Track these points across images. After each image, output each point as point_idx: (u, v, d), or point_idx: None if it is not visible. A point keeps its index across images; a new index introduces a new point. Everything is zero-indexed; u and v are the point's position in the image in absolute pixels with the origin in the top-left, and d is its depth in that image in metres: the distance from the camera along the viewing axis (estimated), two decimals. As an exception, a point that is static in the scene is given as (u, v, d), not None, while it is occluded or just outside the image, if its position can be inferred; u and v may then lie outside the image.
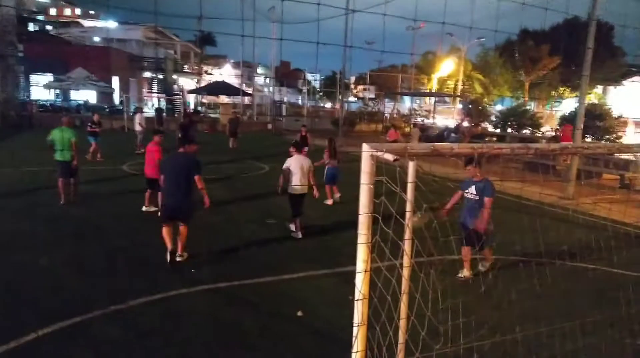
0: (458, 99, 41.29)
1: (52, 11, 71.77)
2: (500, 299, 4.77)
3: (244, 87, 42.91)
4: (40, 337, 4.32)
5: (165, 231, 6.37)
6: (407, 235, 2.57)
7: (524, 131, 25.99)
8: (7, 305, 4.97)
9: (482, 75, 44.74)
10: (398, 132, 21.29)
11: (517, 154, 3.18)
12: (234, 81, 46.14)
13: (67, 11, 73.41)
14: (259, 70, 58.76)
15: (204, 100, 44.72)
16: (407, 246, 2.59)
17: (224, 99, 45.17)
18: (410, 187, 2.48)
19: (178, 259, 6.38)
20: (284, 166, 7.79)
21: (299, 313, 5.03)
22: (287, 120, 36.29)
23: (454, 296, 3.69)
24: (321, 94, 77.55)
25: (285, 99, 53.93)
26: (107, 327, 4.61)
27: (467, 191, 6.19)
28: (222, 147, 20.06)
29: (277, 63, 47.03)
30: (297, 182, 7.70)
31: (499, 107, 37.82)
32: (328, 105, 65.14)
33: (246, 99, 41.73)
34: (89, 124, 15.66)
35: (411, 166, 2.48)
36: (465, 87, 44.42)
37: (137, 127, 18.15)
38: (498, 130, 27.59)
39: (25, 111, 27.35)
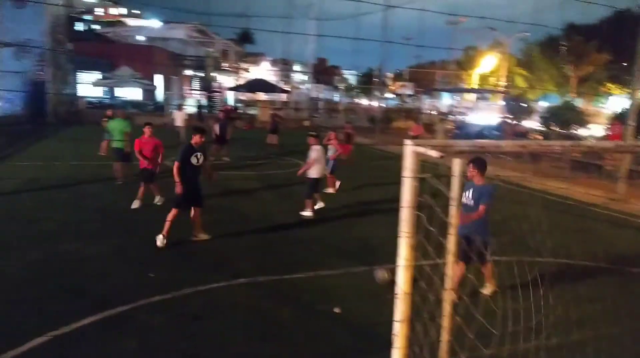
0: (500, 95, 40.10)
1: (99, 11, 74.63)
2: (547, 303, 4.61)
3: (282, 85, 43.27)
4: (88, 324, 4.51)
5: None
6: (451, 230, 2.52)
7: (571, 130, 24.96)
8: (57, 293, 5.21)
9: (526, 70, 43.25)
10: (421, 127, 21.09)
11: (567, 152, 3.05)
12: (272, 78, 46.62)
13: (113, 11, 76.13)
14: (296, 67, 59.09)
15: (242, 97, 45.42)
16: (450, 244, 2.54)
17: (261, 96, 45.74)
18: (455, 185, 2.42)
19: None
20: (315, 156, 8.89)
21: (337, 310, 5.03)
22: (324, 117, 36.37)
23: (500, 299, 3.59)
24: (357, 90, 77.18)
25: (322, 96, 54.01)
26: (151, 316, 4.76)
27: (464, 194, 5.39)
28: (259, 143, 20.32)
29: (314, 60, 47.17)
30: (320, 169, 8.98)
31: (543, 103, 36.50)
32: (364, 102, 64.79)
33: (283, 96, 42.06)
34: (103, 119, 15.05)
35: (456, 163, 2.43)
36: (508, 83, 43.05)
37: (178, 123, 18.71)
38: (542, 127, 26.62)
39: (74, 107, 28.61)
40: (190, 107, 33.61)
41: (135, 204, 8.83)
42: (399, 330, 2.73)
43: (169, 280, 5.59)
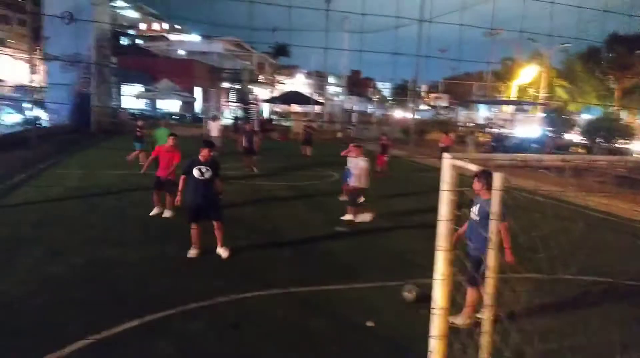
0: (540, 107, 39.03)
1: (142, 26, 77.67)
2: (587, 322, 4.42)
3: (316, 97, 43.67)
4: (128, 329, 4.64)
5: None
6: (491, 245, 2.47)
7: (615, 144, 23.99)
8: (99, 297, 5.40)
9: (567, 82, 42.00)
10: (451, 138, 20.82)
11: (611, 167, 2.95)
12: (306, 90, 47.11)
13: (156, 26, 79.07)
14: (330, 79, 59.56)
15: (277, 109, 46.12)
16: (490, 260, 2.49)
17: (296, 108, 46.29)
18: (496, 199, 2.38)
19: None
20: (365, 165, 9.49)
21: (370, 324, 4.99)
22: (357, 129, 36.40)
23: (539, 316, 3.48)
24: (391, 102, 76.90)
25: (356, 107, 54.12)
26: (187, 323, 4.86)
27: (471, 209, 5.02)
28: (293, 154, 20.52)
29: (348, 72, 47.40)
30: (366, 179, 9.55)
31: (585, 116, 35.29)
32: (398, 113, 64.46)
33: (317, 108, 42.43)
34: (137, 129, 15.36)
35: (497, 177, 2.39)
36: (548, 95, 41.88)
37: (214, 134, 19.31)
38: (585, 141, 25.71)
39: (117, 118, 29.79)
40: (226, 118, 34.40)
41: (154, 212, 9.04)
42: (436, 347, 2.69)
43: (205, 288, 5.70)
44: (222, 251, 6.87)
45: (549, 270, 5.73)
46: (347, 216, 9.49)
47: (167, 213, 9.01)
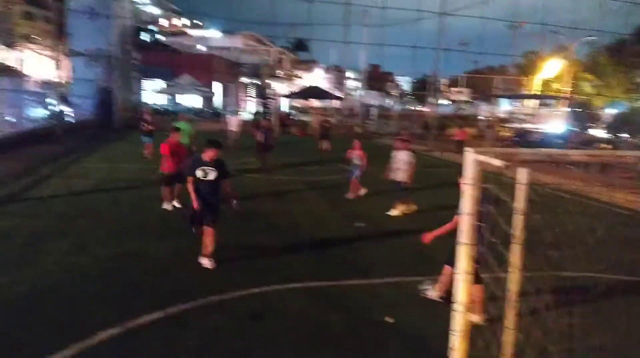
0: (564, 102, 38.18)
1: (164, 22, 78.56)
2: (614, 322, 4.33)
3: (334, 91, 43.56)
4: (151, 320, 4.73)
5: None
6: (516, 240, 2.44)
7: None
8: (123, 289, 5.51)
9: (593, 76, 40.93)
10: (466, 132, 21.07)
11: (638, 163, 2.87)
12: (325, 85, 47.01)
13: (176, 22, 79.86)
14: (349, 74, 59.31)
15: (296, 104, 46.15)
16: (514, 257, 2.46)
17: (314, 103, 46.25)
18: (521, 196, 2.34)
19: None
20: (411, 160, 9.74)
21: (389, 320, 4.97)
22: (376, 123, 36.21)
23: (565, 315, 3.41)
24: (411, 97, 76.16)
25: (375, 102, 53.80)
26: (209, 315, 4.93)
27: None
28: (311, 149, 20.52)
29: (367, 67, 47.10)
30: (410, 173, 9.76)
31: (610, 110, 34.36)
32: (418, 108, 63.79)
33: (336, 103, 42.32)
34: (142, 123, 15.56)
35: (523, 173, 2.35)
36: (573, 89, 40.90)
37: (233, 128, 19.67)
38: (610, 136, 25.06)
39: (138, 113, 30.22)
40: (246, 113, 34.60)
41: (168, 207, 9.16)
42: (457, 344, 2.66)
43: (224, 282, 5.76)
44: (205, 262, 6.21)
45: (574, 267, 5.62)
46: (394, 212, 9.55)
47: (166, 206, 9.16)
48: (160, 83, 36.36)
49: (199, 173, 6.13)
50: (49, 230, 7.58)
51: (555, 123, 32.17)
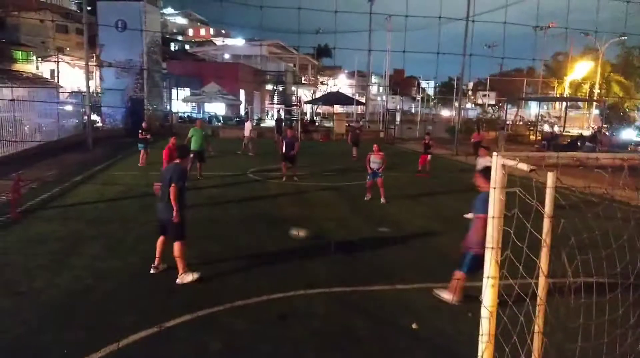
0: (594, 104, 37.11)
1: (190, 32, 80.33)
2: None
3: (358, 97, 43.55)
4: (178, 323, 4.82)
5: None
6: (544, 252, 2.39)
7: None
8: (151, 293, 5.63)
9: (624, 77, 39.69)
10: (481, 134, 21.14)
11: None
12: (348, 91, 47.05)
13: (203, 31, 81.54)
14: (373, 79, 59.29)
15: (319, 110, 46.33)
16: (543, 263, 2.41)
17: (337, 108, 46.34)
18: (549, 199, 2.30)
19: (178, 282, 5.84)
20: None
21: (415, 326, 4.92)
22: (400, 128, 35.97)
23: (591, 318, 3.32)
24: (436, 101, 75.43)
25: (399, 106, 53.50)
26: (234, 319, 4.98)
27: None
28: (335, 155, 20.50)
29: (391, 71, 46.96)
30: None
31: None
32: (443, 112, 63.10)
33: (359, 108, 42.30)
34: (140, 131, 15.64)
35: (550, 177, 2.31)
36: (603, 91, 39.74)
37: (247, 133, 20.50)
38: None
39: (167, 121, 30.95)
40: (269, 119, 34.91)
41: None
42: (484, 352, 2.63)
43: (250, 286, 5.82)
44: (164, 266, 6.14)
45: (602, 272, 5.44)
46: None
47: None
48: (187, 92, 37.14)
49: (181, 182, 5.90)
50: (81, 235, 7.81)
51: (585, 126, 31.31)
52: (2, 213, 8.91)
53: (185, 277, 5.86)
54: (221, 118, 35.76)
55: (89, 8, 23.72)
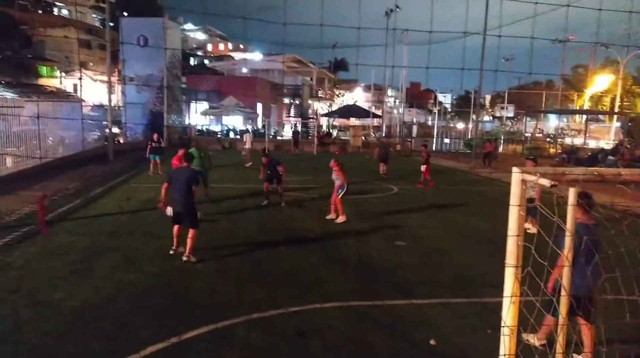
0: (615, 117, 36.46)
1: (209, 47, 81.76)
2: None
3: (374, 110, 43.62)
4: (196, 336, 4.84)
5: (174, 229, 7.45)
6: (565, 270, 2.35)
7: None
8: (170, 304, 5.68)
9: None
10: (492, 145, 21.95)
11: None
12: (365, 104, 47.13)
13: (222, 46, 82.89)
14: (389, 92, 59.36)
15: (335, 123, 46.50)
16: (565, 280, 2.37)
17: (354, 121, 46.46)
18: (570, 215, 2.27)
19: (184, 259, 7.14)
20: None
21: (433, 342, 4.85)
22: (416, 141, 35.85)
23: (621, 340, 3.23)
24: (452, 114, 75.07)
25: (415, 119, 53.42)
26: (251, 332, 4.98)
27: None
28: (353, 168, 20.44)
29: (407, 85, 46.98)
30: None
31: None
32: (460, 125, 62.69)
33: (376, 121, 42.35)
34: (150, 142, 16.97)
35: (572, 192, 2.28)
36: (625, 103, 39.06)
37: (247, 146, 21.11)
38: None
39: (186, 134, 31.41)
40: (285, 132, 35.11)
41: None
42: (505, 368, 2.58)
43: (267, 299, 5.83)
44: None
45: (631, 291, 5.29)
46: (532, 229, 8.65)
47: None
48: (206, 105, 37.72)
49: None
50: (100, 246, 7.93)
51: (606, 139, 30.71)
52: (26, 223, 9.12)
53: (192, 258, 7.15)
54: (238, 131, 36.19)
55: (111, 24, 24.38)
